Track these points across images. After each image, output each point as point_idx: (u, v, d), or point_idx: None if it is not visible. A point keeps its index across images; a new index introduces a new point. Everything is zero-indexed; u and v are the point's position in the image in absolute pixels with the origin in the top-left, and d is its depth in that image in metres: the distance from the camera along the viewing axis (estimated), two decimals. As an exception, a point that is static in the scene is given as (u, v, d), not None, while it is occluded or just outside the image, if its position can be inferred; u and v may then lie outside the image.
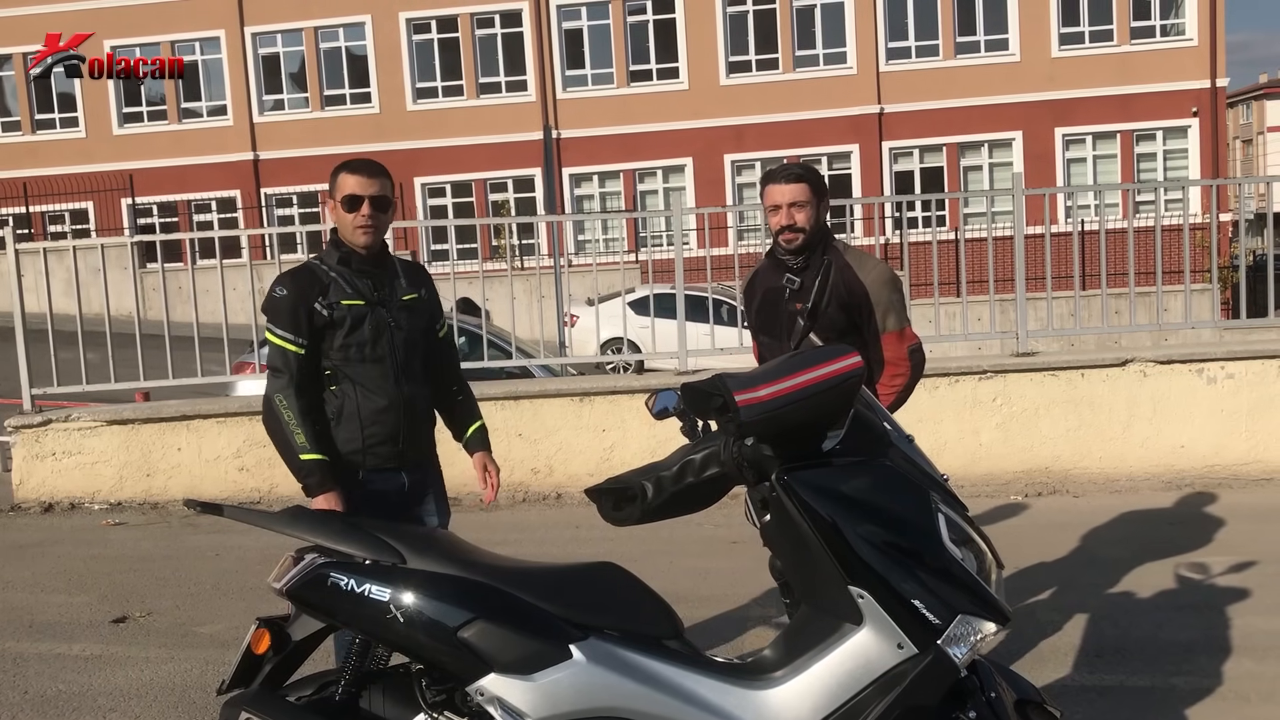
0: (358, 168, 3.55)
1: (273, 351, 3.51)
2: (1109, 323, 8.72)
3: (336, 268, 3.54)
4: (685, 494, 2.92)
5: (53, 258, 8.85)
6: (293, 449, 3.45)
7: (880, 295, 3.98)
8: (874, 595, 2.66)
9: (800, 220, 3.95)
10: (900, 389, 4.03)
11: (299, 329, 3.46)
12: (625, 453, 7.74)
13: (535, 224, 21.05)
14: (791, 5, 27.33)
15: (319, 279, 3.52)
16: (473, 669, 2.62)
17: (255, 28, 28.50)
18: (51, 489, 8.18)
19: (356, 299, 3.51)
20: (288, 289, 3.50)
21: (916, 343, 4.08)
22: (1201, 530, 6.52)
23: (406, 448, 3.60)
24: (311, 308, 3.47)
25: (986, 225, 9.41)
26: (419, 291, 3.68)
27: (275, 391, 3.49)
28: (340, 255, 3.55)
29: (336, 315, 3.47)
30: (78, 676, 4.85)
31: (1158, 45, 26.79)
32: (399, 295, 3.61)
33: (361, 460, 3.54)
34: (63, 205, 27.98)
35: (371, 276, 3.56)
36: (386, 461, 3.57)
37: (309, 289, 3.49)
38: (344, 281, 3.52)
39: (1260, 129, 64.70)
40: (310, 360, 3.49)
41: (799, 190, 3.94)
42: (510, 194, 28.39)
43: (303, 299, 3.47)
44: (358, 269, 3.54)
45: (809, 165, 4.12)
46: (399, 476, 3.61)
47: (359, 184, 3.51)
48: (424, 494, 3.72)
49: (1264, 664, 4.52)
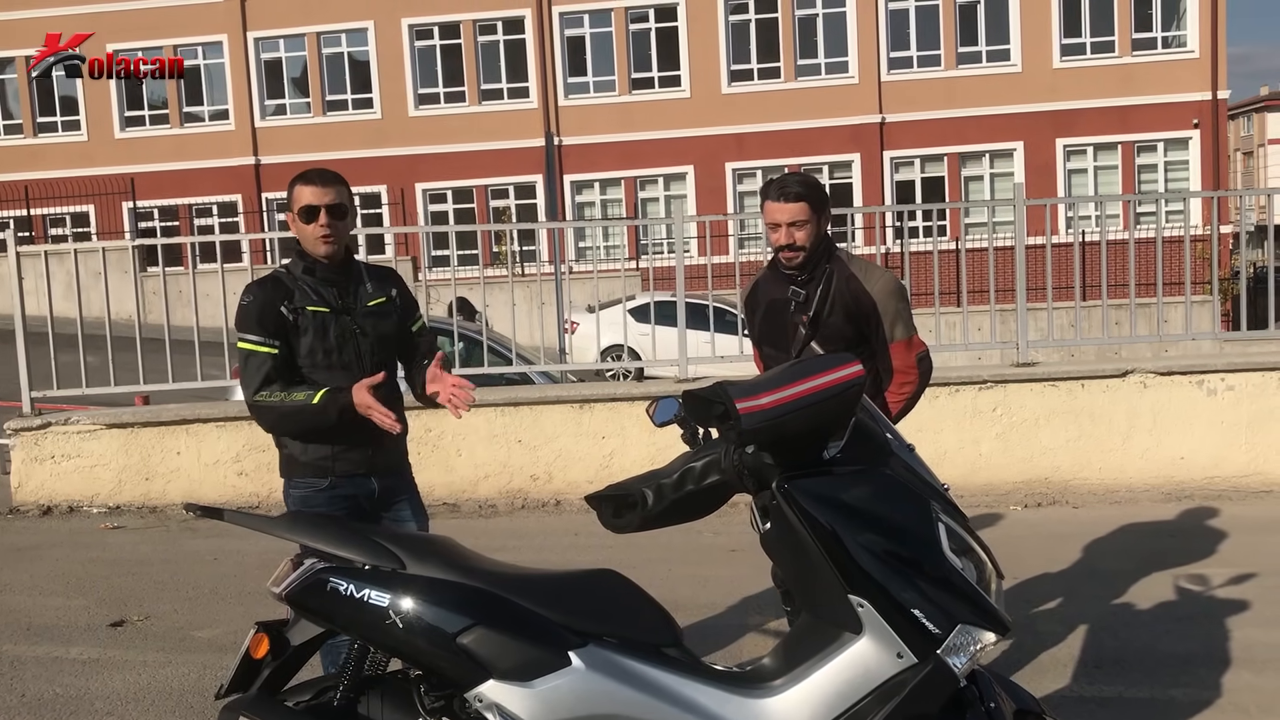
0: (311, 178, 3.58)
1: (244, 360, 3.52)
2: (1109, 333, 8.72)
3: (302, 276, 3.58)
4: (685, 501, 2.92)
5: (53, 261, 8.85)
6: (304, 408, 3.44)
7: (888, 305, 3.97)
8: (874, 604, 2.66)
9: (800, 239, 3.93)
10: (909, 396, 4.05)
11: (267, 331, 3.48)
12: (625, 460, 7.74)
13: (536, 230, 21.04)
14: (794, 14, 27.37)
15: (284, 285, 3.55)
16: (471, 675, 2.62)
17: (258, 32, 28.54)
18: (50, 492, 8.17)
19: (321, 305, 3.54)
20: (254, 295, 3.53)
21: (924, 350, 4.09)
22: (1201, 542, 6.51)
23: (376, 454, 3.61)
24: (278, 311, 3.49)
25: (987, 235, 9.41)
26: (387, 295, 3.69)
27: (253, 393, 3.49)
28: (305, 265, 3.59)
29: (302, 321, 3.50)
30: (75, 680, 4.83)
31: (1159, 57, 26.83)
32: (364, 301, 3.63)
33: (330, 467, 3.57)
34: (64, 208, 27.99)
35: (336, 284, 3.59)
36: (356, 468, 3.59)
37: (274, 294, 3.52)
38: (309, 289, 3.55)
39: (1261, 141, 64.80)
40: (285, 363, 3.50)
41: (798, 210, 3.91)
42: (511, 200, 28.41)
43: (269, 303, 3.50)
44: (322, 277, 3.57)
45: (809, 179, 4.05)
46: (369, 482, 3.63)
47: (314, 194, 3.53)
48: (395, 499, 3.72)
49: (1263, 676, 4.51)
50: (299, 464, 3.60)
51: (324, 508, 3.56)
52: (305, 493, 3.60)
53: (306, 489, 3.60)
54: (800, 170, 26.06)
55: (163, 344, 8.26)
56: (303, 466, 3.59)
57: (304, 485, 3.60)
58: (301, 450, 3.58)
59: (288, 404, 3.45)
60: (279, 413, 3.48)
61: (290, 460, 3.63)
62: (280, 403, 3.46)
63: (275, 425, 3.57)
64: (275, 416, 3.50)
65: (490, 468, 8.00)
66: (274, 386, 3.47)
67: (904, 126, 27.08)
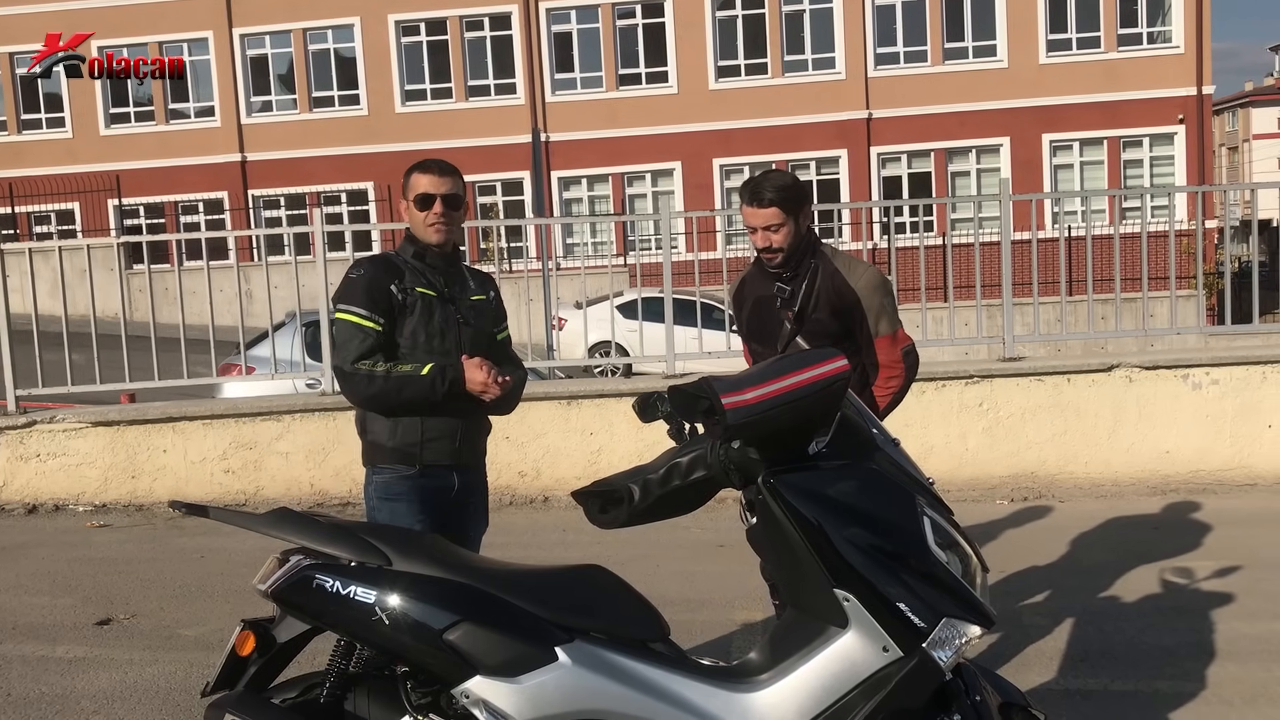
0: (429, 167, 3.61)
1: (343, 328, 3.48)
2: (1095, 328, 8.75)
3: (412, 260, 3.59)
4: (672, 497, 2.93)
5: (38, 258, 8.82)
6: (411, 377, 3.43)
7: (872, 300, 3.98)
8: (859, 598, 2.67)
9: (777, 241, 3.95)
10: (896, 391, 4.06)
11: (375, 306, 3.47)
12: (612, 456, 7.74)
13: (524, 227, 21.08)
14: (780, 10, 27.38)
15: (395, 265, 3.57)
16: (458, 671, 2.62)
17: (244, 29, 28.43)
18: (36, 490, 8.14)
19: (429, 289, 3.55)
20: (365, 270, 3.53)
21: (910, 345, 4.10)
22: (1186, 535, 6.54)
23: (463, 446, 3.61)
24: (388, 289, 3.49)
25: (974, 230, 9.43)
26: (486, 294, 3.74)
27: (352, 361, 3.45)
28: (415, 250, 3.60)
29: (410, 300, 3.50)
30: (61, 679, 4.82)
31: (1144, 52, 26.92)
32: (469, 294, 3.66)
33: (419, 454, 3.53)
34: (49, 206, 27.87)
35: (444, 273, 3.61)
36: (442, 458, 3.56)
37: (385, 272, 3.53)
38: (419, 272, 3.57)
39: (1246, 136, 65.05)
40: (387, 341, 3.48)
41: (771, 214, 3.92)
42: (499, 196, 28.36)
43: (379, 279, 3.50)
44: (431, 263, 3.59)
45: (783, 180, 4.02)
46: (450, 476, 3.60)
47: (431, 183, 3.56)
48: (470, 499, 3.70)
49: (1247, 668, 4.54)
50: (385, 450, 3.54)
51: (404, 498, 3.51)
52: (388, 478, 3.53)
53: (390, 474, 3.53)
54: (787, 167, 26.11)
55: (148, 341, 8.22)
56: (390, 452, 3.53)
57: (388, 470, 3.53)
58: (389, 435, 3.52)
59: (395, 374, 3.43)
60: (383, 383, 3.43)
61: (375, 447, 3.57)
62: (386, 373, 3.43)
63: (374, 396, 3.48)
64: (375, 386, 3.44)
65: (478, 464, 7.98)
66: (377, 357, 3.45)
67: (891, 122, 27.12)
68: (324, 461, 7.84)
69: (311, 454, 7.83)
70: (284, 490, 7.86)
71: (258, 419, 7.94)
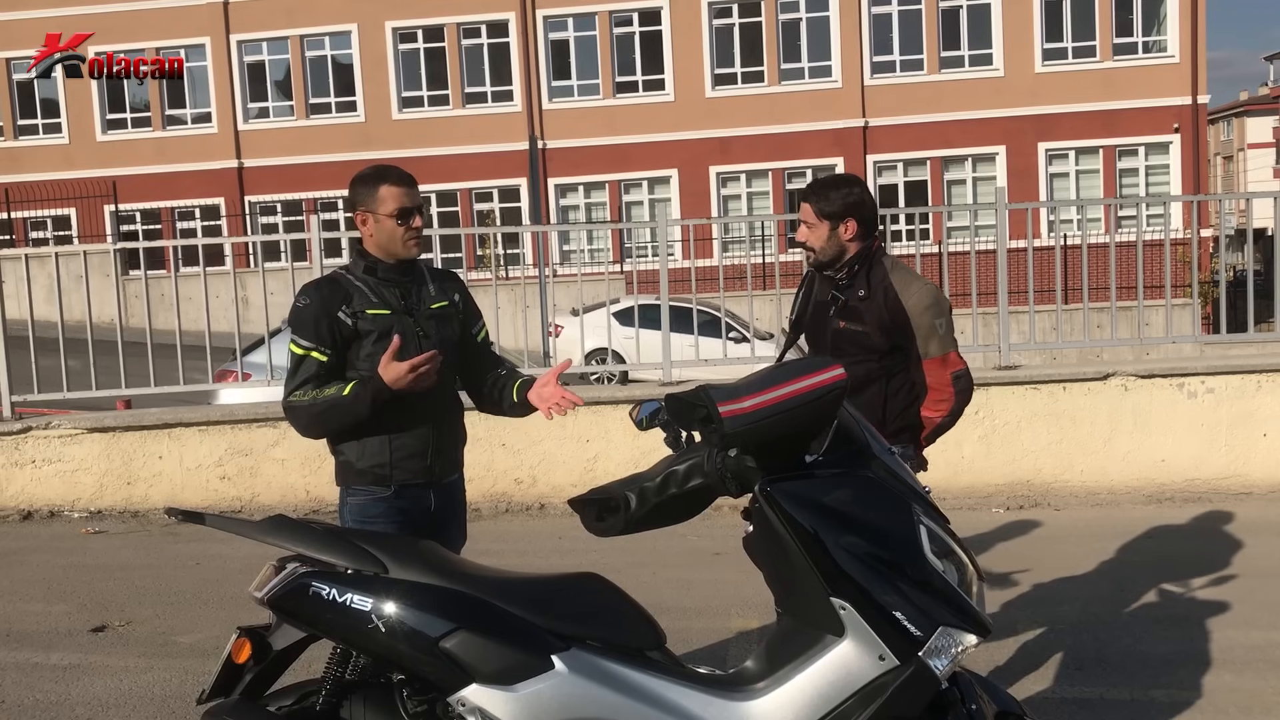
0: (400, 179, 3.44)
1: (291, 359, 3.40)
2: (1091, 337, 8.77)
3: (362, 277, 3.44)
4: (668, 505, 2.92)
5: (35, 264, 8.82)
6: (336, 402, 3.31)
7: (922, 320, 3.84)
8: (855, 607, 2.67)
9: (808, 239, 3.93)
10: (945, 414, 3.94)
11: (320, 338, 3.35)
12: (609, 463, 7.74)
13: (520, 234, 21.05)
14: (777, 18, 27.43)
15: (341, 287, 3.42)
16: (454, 679, 2.62)
17: (241, 35, 28.44)
18: (31, 497, 8.13)
19: (382, 308, 3.41)
20: (310, 299, 3.39)
21: (962, 369, 3.92)
22: (1182, 544, 6.55)
23: (435, 462, 3.48)
24: (335, 317, 3.36)
25: (970, 239, 9.45)
26: (450, 299, 3.58)
27: (288, 395, 3.38)
28: (366, 265, 3.46)
29: (362, 325, 3.37)
30: (56, 686, 4.81)
31: (1140, 62, 26.98)
32: (427, 304, 3.50)
33: (389, 475, 3.42)
34: (45, 211, 27.84)
35: (398, 285, 3.46)
36: (415, 476, 3.44)
37: (331, 298, 3.39)
38: (369, 290, 3.42)
39: (1241, 145, 65.23)
40: (334, 371, 3.38)
41: (804, 210, 3.94)
42: (495, 204, 28.38)
43: (325, 309, 3.37)
44: (383, 278, 3.44)
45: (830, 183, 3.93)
46: (427, 495, 3.48)
47: (408, 195, 3.41)
48: (448, 518, 3.58)
49: (1242, 677, 4.54)
50: (355, 471, 3.44)
51: (381, 519, 3.40)
52: (363, 501, 3.44)
53: (364, 497, 3.43)
54: (783, 175, 26.17)
55: (145, 348, 8.22)
56: (360, 474, 3.43)
57: (362, 492, 3.44)
58: (358, 455, 3.42)
59: (319, 400, 3.33)
60: (311, 411, 3.35)
61: (346, 467, 3.47)
62: (312, 401, 3.34)
63: (309, 425, 3.41)
64: (308, 416, 3.37)
65: (474, 471, 7.86)
66: (308, 386, 3.35)
67: (887, 130, 27.16)
68: (320, 468, 7.82)
69: (307, 461, 7.82)
70: (280, 497, 7.85)
71: (254, 425, 7.93)
